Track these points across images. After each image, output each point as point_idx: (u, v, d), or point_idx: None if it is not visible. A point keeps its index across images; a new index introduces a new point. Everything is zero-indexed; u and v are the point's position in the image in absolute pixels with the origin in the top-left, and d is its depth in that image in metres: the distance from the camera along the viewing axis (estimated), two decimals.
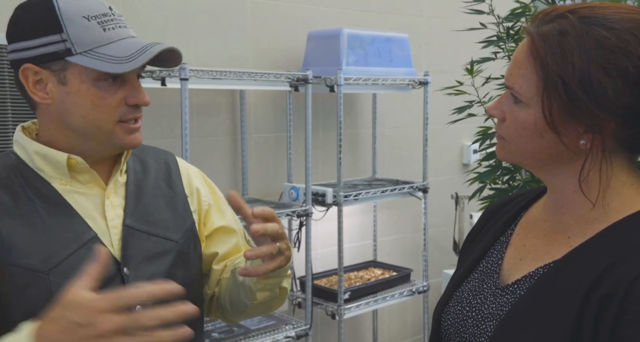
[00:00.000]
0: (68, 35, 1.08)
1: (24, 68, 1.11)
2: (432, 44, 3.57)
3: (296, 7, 2.96)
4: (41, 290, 1.07)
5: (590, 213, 0.95)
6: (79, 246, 1.11)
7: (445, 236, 3.67)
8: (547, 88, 0.90)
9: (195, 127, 2.67)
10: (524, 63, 0.93)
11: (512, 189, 2.18)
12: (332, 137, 3.08)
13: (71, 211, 1.13)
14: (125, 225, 1.17)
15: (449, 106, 2.44)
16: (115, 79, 1.12)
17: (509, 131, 0.97)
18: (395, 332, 3.61)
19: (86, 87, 1.10)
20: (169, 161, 1.33)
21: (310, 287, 2.75)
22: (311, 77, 2.64)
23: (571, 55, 0.88)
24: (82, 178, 1.17)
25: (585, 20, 0.90)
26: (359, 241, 3.35)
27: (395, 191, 3.00)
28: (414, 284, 3.14)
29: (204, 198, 1.34)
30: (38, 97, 1.12)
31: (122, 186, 1.22)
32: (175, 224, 1.25)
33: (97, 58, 1.08)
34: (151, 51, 1.10)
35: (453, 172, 3.75)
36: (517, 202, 1.13)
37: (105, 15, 1.11)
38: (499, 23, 2.25)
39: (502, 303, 0.99)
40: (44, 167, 1.14)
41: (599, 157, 0.92)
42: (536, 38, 0.92)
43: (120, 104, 1.13)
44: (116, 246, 1.16)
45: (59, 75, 1.10)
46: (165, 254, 1.21)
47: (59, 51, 1.09)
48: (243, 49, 2.81)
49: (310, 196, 2.70)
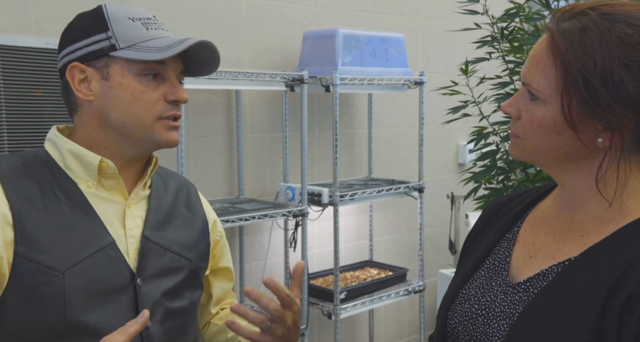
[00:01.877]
0: (113, 33, 1.13)
1: (71, 66, 1.15)
2: (427, 44, 3.57)
3: (292, 7, 2.96)
4: (55, 289, 1.06)
5: (605, 212, 0.95)
6: (97, 250, 1.12)
7: (441, 235, 3.67)
8: (567, 84, 0.90)
9: (191, 127, 2.67)
10: (543, 60, 0.93)
11: (507, 189, 2.19)
12: (328, 137, 3.08)
13: (93, 214, 1.14)
14: (144, 236, 1.18)
15: (444, 106, 2.44)
16: (155, 76, 1.15)
17: (524, 129, 0.96)
18: (392, 332, 3.61)
19: (127, 81, 1.14)
20: (190, 187, 1.36)
21: (306, 287, 2.75)
22: (307, 77, 2.64)
23: (592, 51, 0.88)
24: (108, 184, 1.18)
25: (606, 17, 0.89)
26: (355, 240, 3.35)
27: (391, 190, 3.00)
28: (410, 284, 3.14)
29: (218, 229, 1.38)
30: (82, 94, 1.15)
31: (144, 199, 1.23)
32: (191, 243, 1.26)
33: (138, 50, 1.13)
34: (188, 41, 1.14)
35: (449, 172, 3.75)
36: (521, 199, 1.12)
37: (149, 19, 1.18)
38: (493, 23, 2.25)
39: (514, 301, 0.98)
40: (74, 166, 1.16)
41: (617, 155, 0.91)
42: (556, 34, 0.91)
43: (160, 100, 1.16)
44: (132, 255, 1.16)
45: (102, 72, 1.14)
46: (178, 271, 1.22)
47: (104, 48, 1.13)
48: (239, 49, 2.81)
49: (306, 195, 2.71)
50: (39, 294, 1.06)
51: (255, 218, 2.52)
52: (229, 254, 1.43)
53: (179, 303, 1.21)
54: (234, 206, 2.63)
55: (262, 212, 2.55)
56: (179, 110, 1.20)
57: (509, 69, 2.23)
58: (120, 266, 1.14)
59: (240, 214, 2.47)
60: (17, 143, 2.07)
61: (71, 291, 1.07)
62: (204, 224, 1.32)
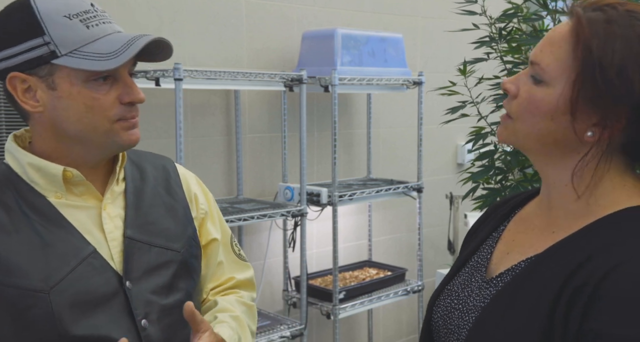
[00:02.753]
0: (51, 37, 1.04)
1: (10, 77, 1.06)
2: (426, 44, 3.57)
3: (290, 7, 2.96)
4: (43, 310, 1.03)
5: (578, 209, 0.96)
6: (78, 262, 1.07)
7: (439, 235, 3.68)
8: (584, 69, 0.90)
9: (189, 128, 2.67)
10: (561, 41, 0.93)
11: (505, 189, 2.19)
12: (327, 137, 3.08)
13: (68, 226, 1.09)
14: (127, 237, 1.14)
15: (443, 106, 2.45)
16: (106, 78, 1.07)
17: (519, 109, 0.97)
18: (390, 332, 3.61)
19: (77, 89, 1.06)
20: (168, 167, 1.29)
21: (305, 287, 2.76)
22: (306, 77, 2.65)
23: (614, 43, 0.89)
24: (78, 190, 1.13)
25: (632, 14, 0.91)
26: (353, 240, 3.35)
27: (390, 190, 3.00)
28: (409, 284, 3.15)
29: (201, 205, 1.31)
30: (29, 106, 1.08)
31: (120, 195, 1.18)
32: (176, 232, 1.21)
33: (83, 57, 1.04)
34: (137, 44, 1.05)
35: (447, 172, 3.76)
36: (515, 200, 1.14)
37: (87, 12, 1.06)
38: (492, 24, 2.26)
39: (485, 295, 1.01)
40: (38, 180, 1.10)
41: (599, 153, 0.93)
42: (584, 19, 0.92)
43: (115, 104, 1.08)
44: (116, 258, 1.12)
45: (47, 81, 1.06)
46: (167, 265, 1.18)
47: (44, 55, 1.04)
48: (237, 49, 2.81)
49: (305, 195, 2.71)
50: (29, 317, 1.03)
51: (254, 218, 2.52)
52: (218, 223, 1.34)
53: (173, 297, 1.17)
54: (233, 206, 2.63)
55: (261, 212, 2.55)
56: (136, 110, 1.12)
57: (507, 70, 2.23)
58: (107, 273, 1.10)
59: (239, 214, 2.47)
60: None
61: (60, 308, 1.04)
62: (186, 208, 1.26)
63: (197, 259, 1.26)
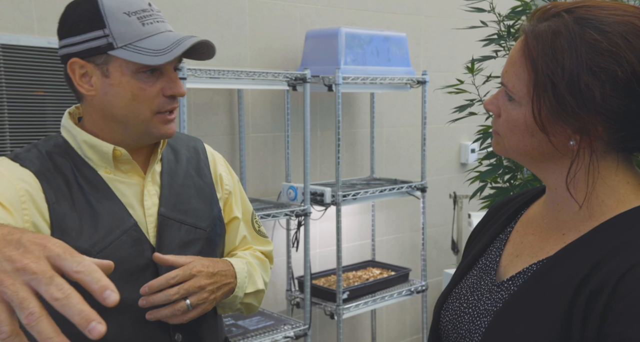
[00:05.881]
0: (110, 31, 1.16)
1: (71, 62, 1.19)
2: (430, 43, 3.56)
3: (294, 6, 2.95)
4: None
5: (583, 211, 0.95)
6: (121, 233, 1.20)
7: (443, 235, 3.67)
8: (537, 88, 0.90)
9: (193, 127, 2.66)
10: (518, 62, 0.93)
11: (514, 188, 2.17)
12: (331, 136, 3.07)
13: (115, 199, 1.22)
14: (160, 214, 1.26)
15: (447, 105, 2.43)
16: (153, 72, 1.20)
17: (503, 128, 0.98)
18: (394, 332, 3.60)
19: (127, 79, 1.18)
20: (198, 148, 1.41)
21: (308, 287, 2.74)
22: (309, 76, 2.63)
23: (562, 57, 0.88)
24: (124, 168, 1.25)
25: (579, 22, 0.89)
26: (357, 240, 3.34)
27: (394, 190, 2.99)
28: (413, 284, 3.13)
29: (226, 186, 1.42)
30: (84, 89, 1.20)
31: (158, 174, 1.30)
32: (204, 212, 1.33)
33: (136, 51, 1.16)
34: (185, 44, 1.18)
35: (451, 171, 3.74)
36: (519, 200, 1.14)
37: (144, 11, 1.19)
38: (500, 21, 2.24)
39: (496, 299, 1.00)
40: (91, 155, 1.22)
41: (586, 159, 0.92)
42: (530, 37, 0.92)
43: (158, 95, 1.21)
44: (151, 233, 1.25)
45: (102, 69, 1.19)
46: (195, 242, 1.30)
47: (102, 45, 1.17)
48: (241, 48, 2.79)
49: (309, 195, 2.69)
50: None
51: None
52: (240, 202, 1.46)
53: None
54: None
55: (265, 212, 2.53)
56: (176, 103, 1.25)
57: None
58: (144, 245, 1.22)
59: None
60: (19, 142, 2.05)
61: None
62: (212, 189, 1.37)
63: (221, 237, 1.38)
